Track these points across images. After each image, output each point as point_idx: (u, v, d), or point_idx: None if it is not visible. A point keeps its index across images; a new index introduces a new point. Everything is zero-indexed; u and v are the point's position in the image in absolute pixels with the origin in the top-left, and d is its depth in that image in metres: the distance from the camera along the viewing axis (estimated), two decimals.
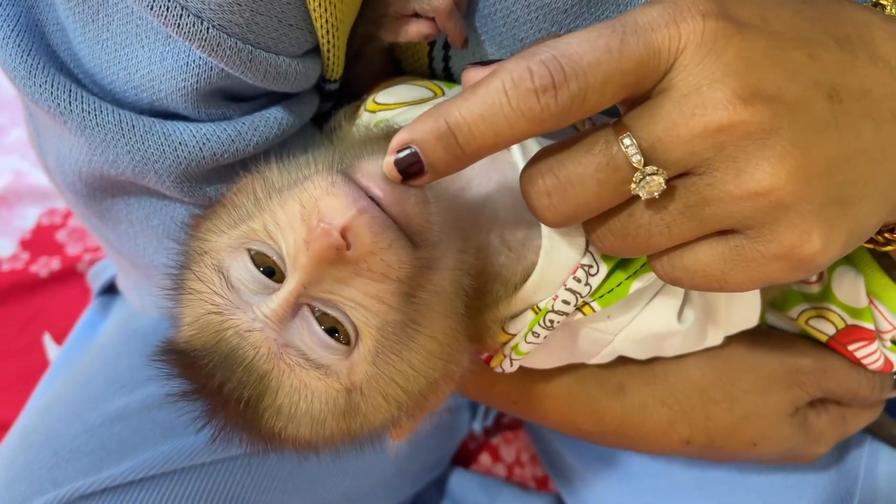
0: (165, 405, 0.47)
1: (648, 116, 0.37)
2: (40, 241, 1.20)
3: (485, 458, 1.01)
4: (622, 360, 0.57)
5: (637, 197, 0.38)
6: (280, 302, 0.40)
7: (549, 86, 0.36)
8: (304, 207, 0.40)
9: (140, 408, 0.70)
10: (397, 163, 0.38)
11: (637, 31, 0.36)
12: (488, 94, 0.36)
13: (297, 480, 0.73)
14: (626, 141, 0.37)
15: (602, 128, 0.39)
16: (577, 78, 0.36)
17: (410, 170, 0.38)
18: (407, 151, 0.38)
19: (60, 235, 1.20)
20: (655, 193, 0.37)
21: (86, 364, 0.79)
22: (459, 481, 0.96)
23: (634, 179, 0.37)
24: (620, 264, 0.48)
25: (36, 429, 0.72)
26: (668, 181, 0.37)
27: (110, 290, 0.92)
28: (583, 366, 0.57)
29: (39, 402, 0.83)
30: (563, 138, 0.40)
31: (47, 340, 1.11)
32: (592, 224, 0.41)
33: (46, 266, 1.18)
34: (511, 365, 0.52)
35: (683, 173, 0.38)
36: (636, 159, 0.37)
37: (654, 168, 0.37)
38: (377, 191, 0.39)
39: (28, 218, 1.22)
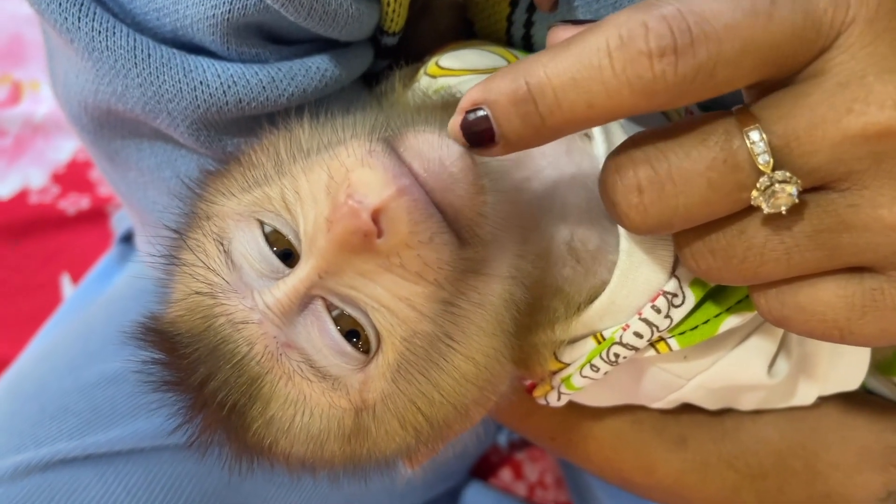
0: None
1: (788, 107, 0.29)
2: (73, 176, 1.15)
3: (506, 474, 0.92)
4: (687, 408, 0.48)
5: (754, 209, 0.30)
6: (287, 291, 0.33)
7: (668, 48, 0.27)
8: (332, 178, 0.32)
9: None
10: (465, 126, 0.31)
11: None
12: (586, 51, 0.28)
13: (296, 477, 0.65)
14: (754, 135, 0.29)
15: (722, 115, 0.30)
16: (707, 43, 0.27)
17: (479, 137, 0.31)
18: (480, 113, 0.30)
19: (94, 174, 1.15)
20: (782, 208, 0.29)
21: (91, 316, 0.73)
22: (475, 495, 0.88)
23: (758, 186, 0.29)
24: (713, 294, 0.39)
25: (28, 376, 0.68)
26: (799, 193, 0.29)
27: (132, 237, 0.86)
28: (640, 407, 0.48)
29: (38, 348, 0.79)
30: (666, 124, 0.31)
31: (65, 281, 1.06)
32: (688, 237, 0.33)
33: (75, 204, 1.13)
34: (558, 399, 0.43)
35: (819, 186, 0.30)
36: (763, 160, 0.29)
37: (787, 174, 0.29)
38: (422, 169, 0.31)
39: (63, 151, 1.17)
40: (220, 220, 0.35)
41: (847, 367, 0.45)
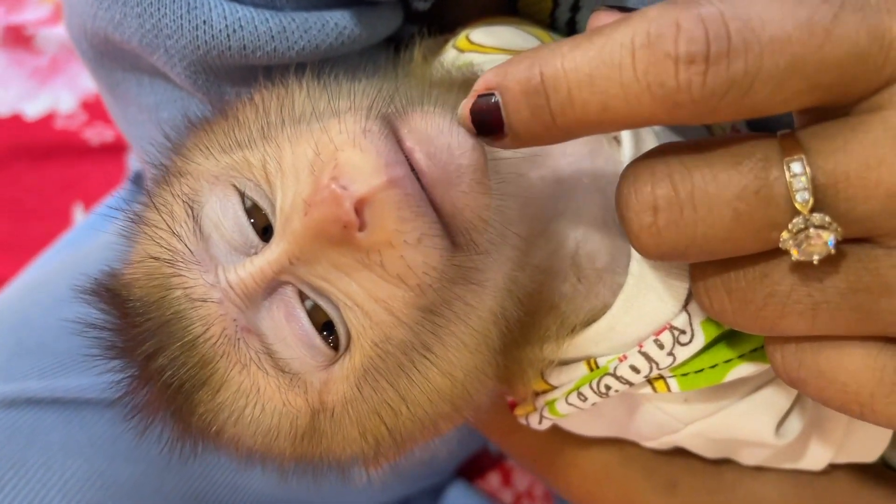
0: None
1: (841, 140, 0.25)
2: (101, 106, 1.12)
3: (493, 479, 0.89)
4: (683, 451, 0.44)
5: (783, 252, 0.26)
6: (253, 272, 0.29)
7: (699, 55, 0.23)
8: (318, 155, 0.28)
9: None
10: (475, 110, 0.28)
11: (863, 8, 0.24)
12: (607, 46, 0.25)
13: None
14: (796, 167, 0.25)
15: (764, 137, 0.26)
16: (745, 55, 0.23)
17: (488, 124, 0.28)
18: (492, 99, 0.27)
19: None
20: (815, 257, 0.25)
21: (88, 253, 0.70)
22: (458, 496, 0.85)
23: (791, 228, 0.25)
24: (727, 336, 0.35)
25: (11, 307, 0.66)
26: (838, 243, 0.25)
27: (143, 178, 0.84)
28: (632, 443, 0.44)
29: (29, 278, 0.77)
30: (699, 138, 0.28)
31: (77, 212, 1.04)
32: (704, 270, 0.29)
33: (100, 135, 1.10)
34: (540, 422, 0.39)
35: (861, 238, 0.26)
36: (802, 198, 0.25)
37: (826, 219, 0.25)
38: (425, 157, 0.28)
39: None
40: (194, 179, 0.32)
41: (866, 437, 0.41)
